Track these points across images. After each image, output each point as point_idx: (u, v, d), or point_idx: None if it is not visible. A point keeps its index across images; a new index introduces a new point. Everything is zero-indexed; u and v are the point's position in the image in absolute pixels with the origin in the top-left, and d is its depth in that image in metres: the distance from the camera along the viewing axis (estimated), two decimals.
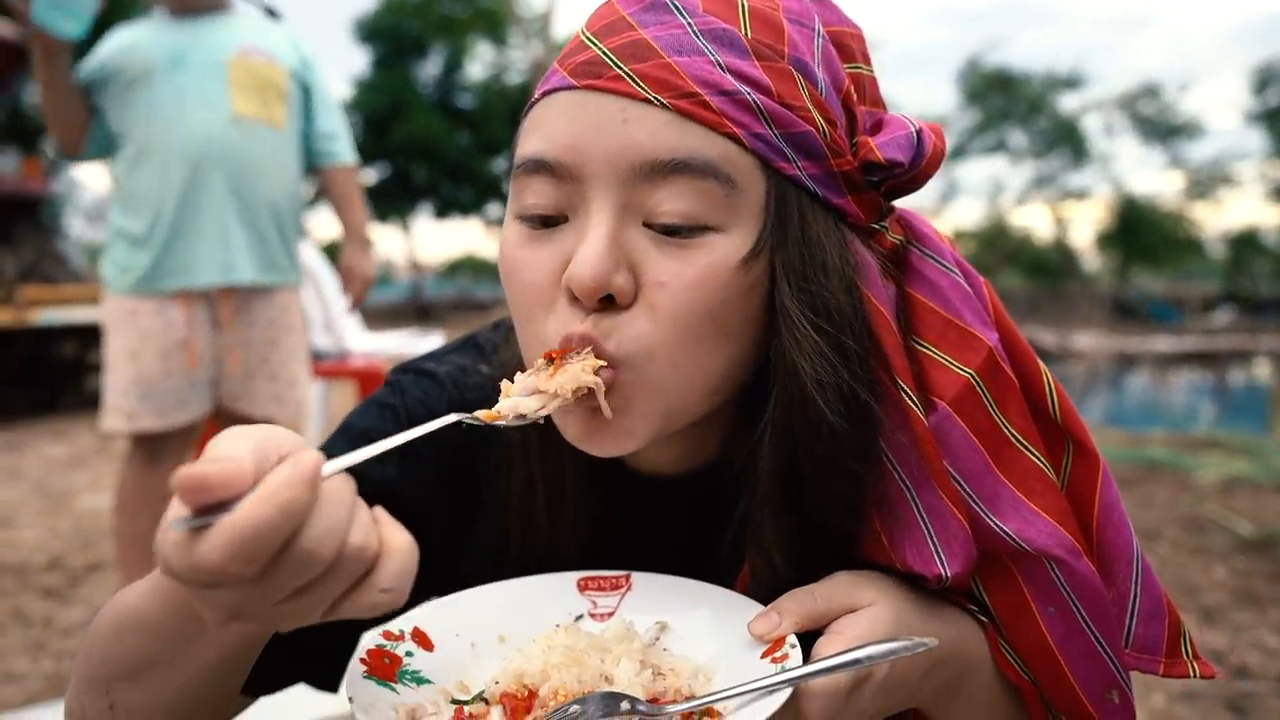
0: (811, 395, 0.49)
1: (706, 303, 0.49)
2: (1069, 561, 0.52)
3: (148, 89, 1.89)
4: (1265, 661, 1.93)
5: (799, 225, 0.50)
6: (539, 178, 0.51)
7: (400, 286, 34.39)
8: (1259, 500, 3.27)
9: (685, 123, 0.48)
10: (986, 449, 0.52)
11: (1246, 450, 4.28)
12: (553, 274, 0.52)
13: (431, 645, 0.53)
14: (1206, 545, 2.77)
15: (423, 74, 23.83)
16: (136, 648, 0.51)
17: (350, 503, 0.38)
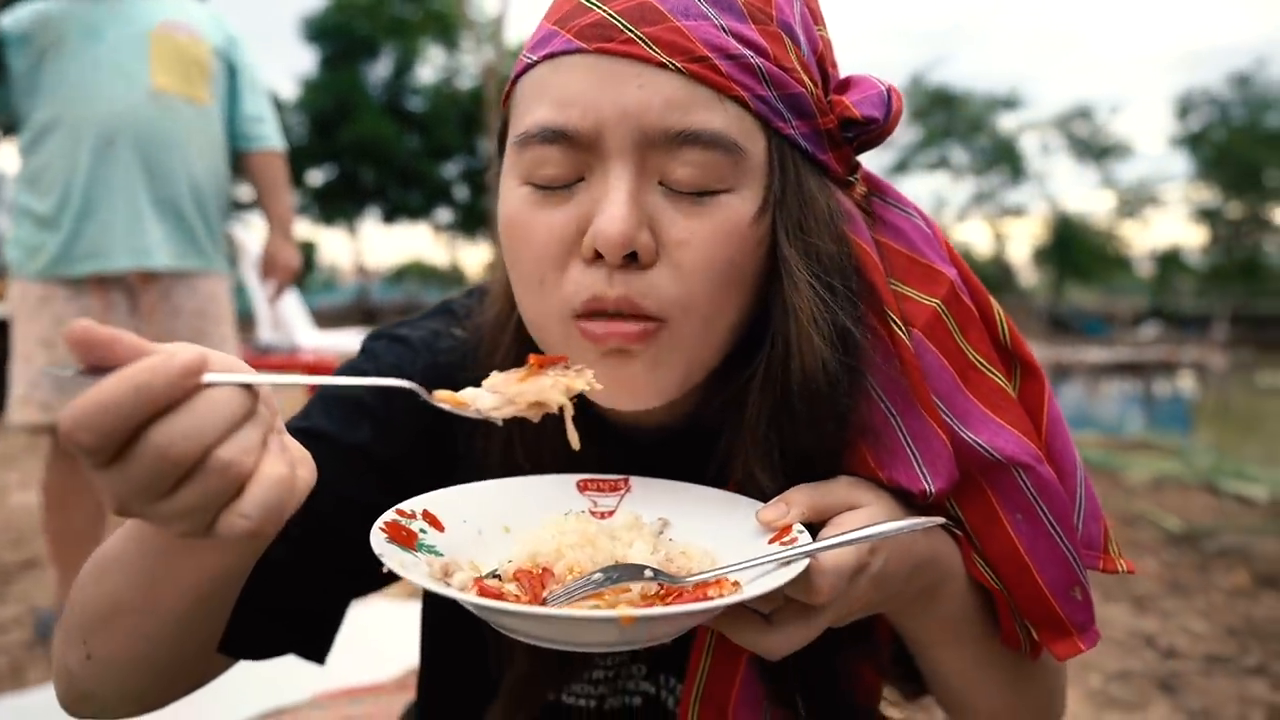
0: (808, 331, 0.52)
1: (728, 258, 0.52)
2: (1035, 467, 0.56)
3: (58, 59, 1.77)
4: (1192, 644, 2.02)
5: (796, 181, 0.53)
6: (555, 145, 0.51)
7: (346, 291, 33.77)
8: (1185, 497, 3.42)
9: (696, 87, 0.49)
10: (955, 370, 0.56)
11: (1173, 452, 4.48)
12: (569, 235, 0.52)
13: (442, 527, 0.53)
14: (1138, 539, 2.88)
15: (372, 75, 23.47)
16: (110, 591, 0.52)
17: (228, 416, 0.38)
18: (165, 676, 0.56)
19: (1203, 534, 2.90)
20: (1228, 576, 2.51)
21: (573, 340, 0.53)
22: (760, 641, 0.49)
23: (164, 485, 0.37)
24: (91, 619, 0.53)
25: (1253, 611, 2.23)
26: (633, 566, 0.49)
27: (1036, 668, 0.64)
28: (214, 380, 0.38)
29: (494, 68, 18.49)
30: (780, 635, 0.48)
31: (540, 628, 0.43)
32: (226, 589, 0.52)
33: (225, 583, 0.51)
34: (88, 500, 1.91)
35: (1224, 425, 10.22)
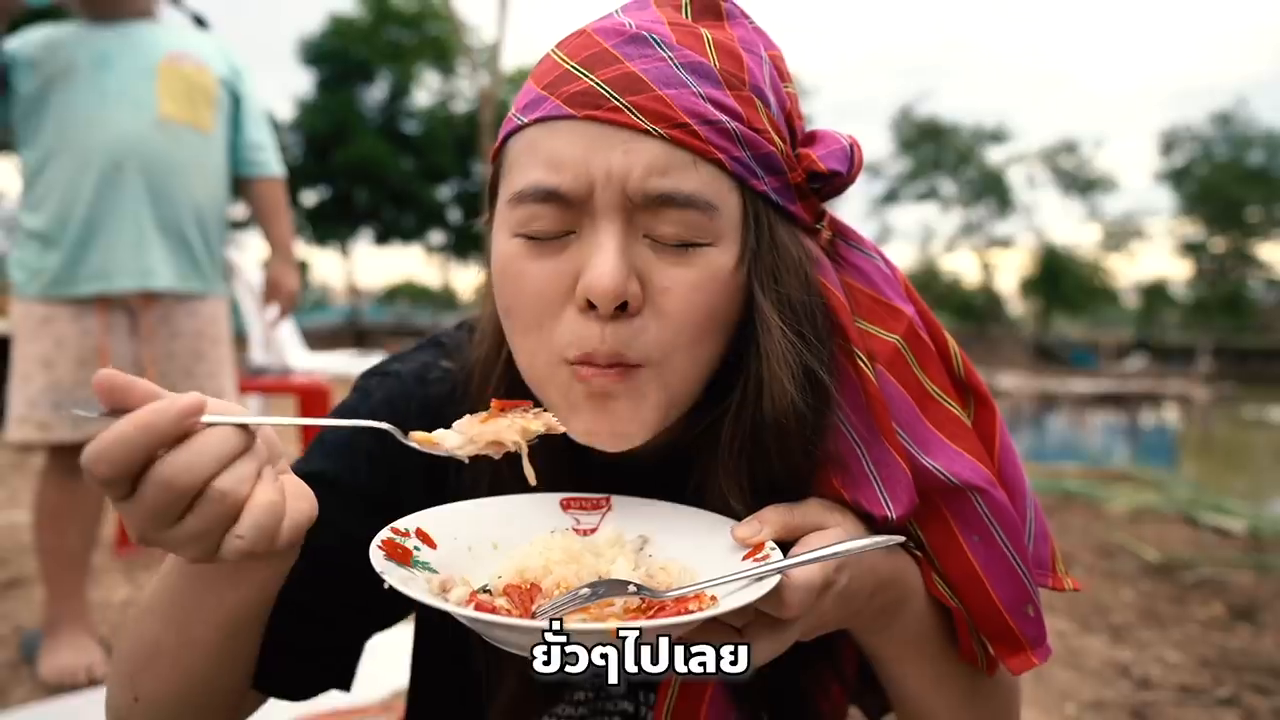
0: (778, 372, 0.56)
1: (708, 304, 0.55)
2: (989, 491, 0.60)
3: (67, 88, 1.81)
4: (1166, 674, 2.05)
5: (769, 233, 0.57)
6: (547, 204, 0.54)
7: (337, 311, 33.73)
8: (1164, 529, 3.47)
9: (676, 150, 0.53)
10: (914, 401, 0.61)
11: (1153, 484, 4.53)
12: (562, 285, 0.55)
13: (434, 544, 0.56)
14: (1116, 569, 2.92)
15: (368, 98, 23.63)
16: (149, 634, 0.57)
17: (224, 451, 0.44)
18: (205, 712, 0.60)
19: (1180, 566, 2.94)
20: (1204, 608, 2.55)
21: (560, 379, 0.56)
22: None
23: (172, 513, 0.43)
24: (136, 662, 0.58)
25: (1227, 643, 2.27)
26: (617, 582, 0.52)
27: (992, 685, 0.67)
28: (211, 420, 0.44)
29: (489, 93, 18.67)
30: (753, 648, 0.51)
31: (533, 640, 0.46)
32: (251, 623, 0.57)
33: (249, 616, 0.56)
34: (80, 519, 1.92)
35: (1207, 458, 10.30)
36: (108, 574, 2.57)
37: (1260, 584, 2.75)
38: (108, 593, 2.41)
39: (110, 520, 2.75)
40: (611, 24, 0.57)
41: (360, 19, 22.62)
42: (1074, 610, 2.52)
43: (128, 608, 2.30)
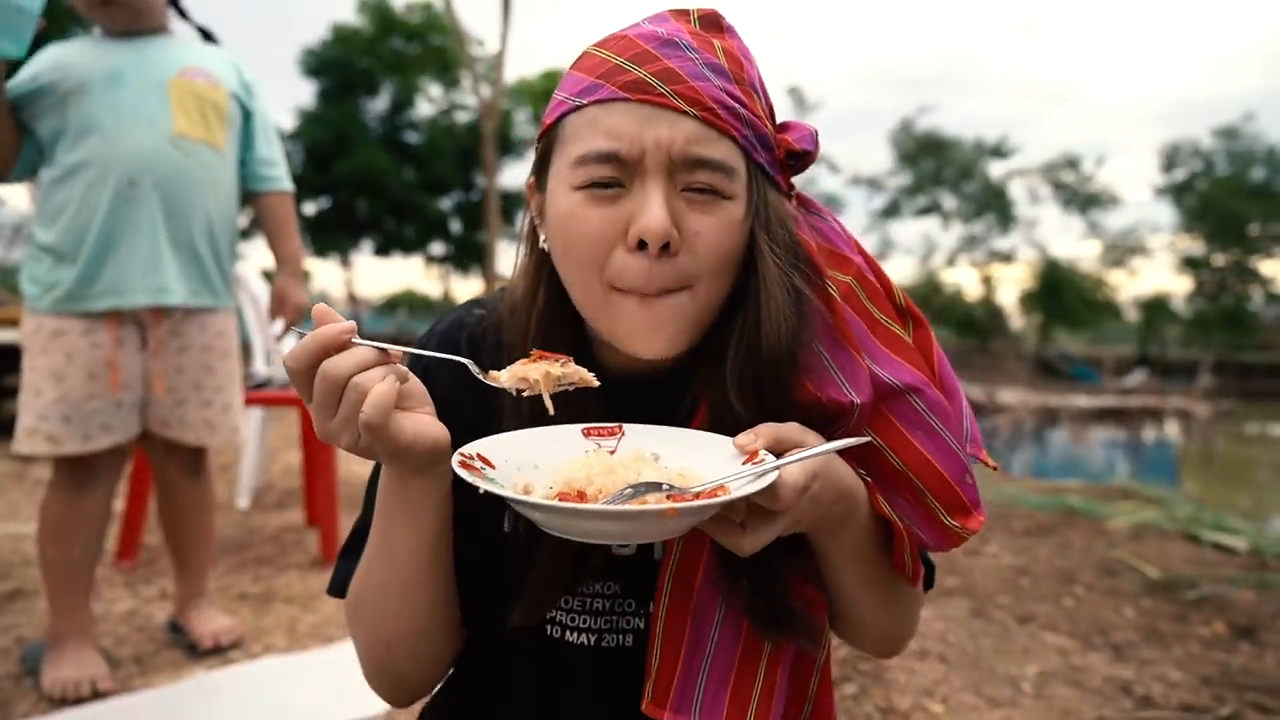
0: (775, 291, 0.72)
1: (730, 243, 0.72)
2: (925, 390, 0.76)
3: (81, 104, 1.83)
4: (1167, 692, 2.05)
5: (764, 193, 0.74)
6: (607, 164, 0.70)
7: None
8: (1165, 546, 3.46)
9: (706, 128, 0.70)
10: (865, 325, 0.77)
11: (1155, 500, 4.53)
12: (616, 228, 0.70)
13: (493, 465, 0.68)
14: (1118, 587, 2.92)
15: (370, 109, 23.69)
16: (375, 585, 0.76)
17: (361, 360, 0.62)
18: (439, 641, 0.79)
19: (1182, 583, 2.94)
20: (1205, 626, 2.55)
21: (613, 302, 0.72)
22: (737, 540, 0.65)
23: (330, 403, 0.62)
24: (375, 613, 0.77)
25: (1229, 661, 2.26)
26: (652, 484, 0.65)
27: (908, 593, 0.84)
28: (357, 341, 0.63)
29: (491, 104, 18.75)
30: (751, 536, 0.64)
31: (607, 523, 0.60)
32: (441, 552, 0.75)
33: (438, 544, 0.74)
34: (84, 532, 1.92)
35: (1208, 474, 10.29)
36: (110, 586, 2.57)
37: (1262, 602, 2.75)
38: (110, 605, 2.41)
39: (113, 533, 2.76)
40: (646, 31, 0.73)
41: (363, 29, 22.71)
42: (1075, 628, 2.52)
43: (130, 619, 2.31)
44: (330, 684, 1.94)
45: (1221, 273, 33.20)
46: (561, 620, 0.81)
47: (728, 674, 0.74)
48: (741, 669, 0.74)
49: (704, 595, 0.75)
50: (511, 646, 0.82)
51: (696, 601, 0.75)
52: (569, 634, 0.81)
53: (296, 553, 3.01)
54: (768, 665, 0.75)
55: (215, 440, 2.05)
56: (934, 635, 2.39)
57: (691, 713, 0.74)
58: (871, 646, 0.87)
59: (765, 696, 0.74)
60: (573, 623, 0.81)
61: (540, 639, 0.81)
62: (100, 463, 1.91)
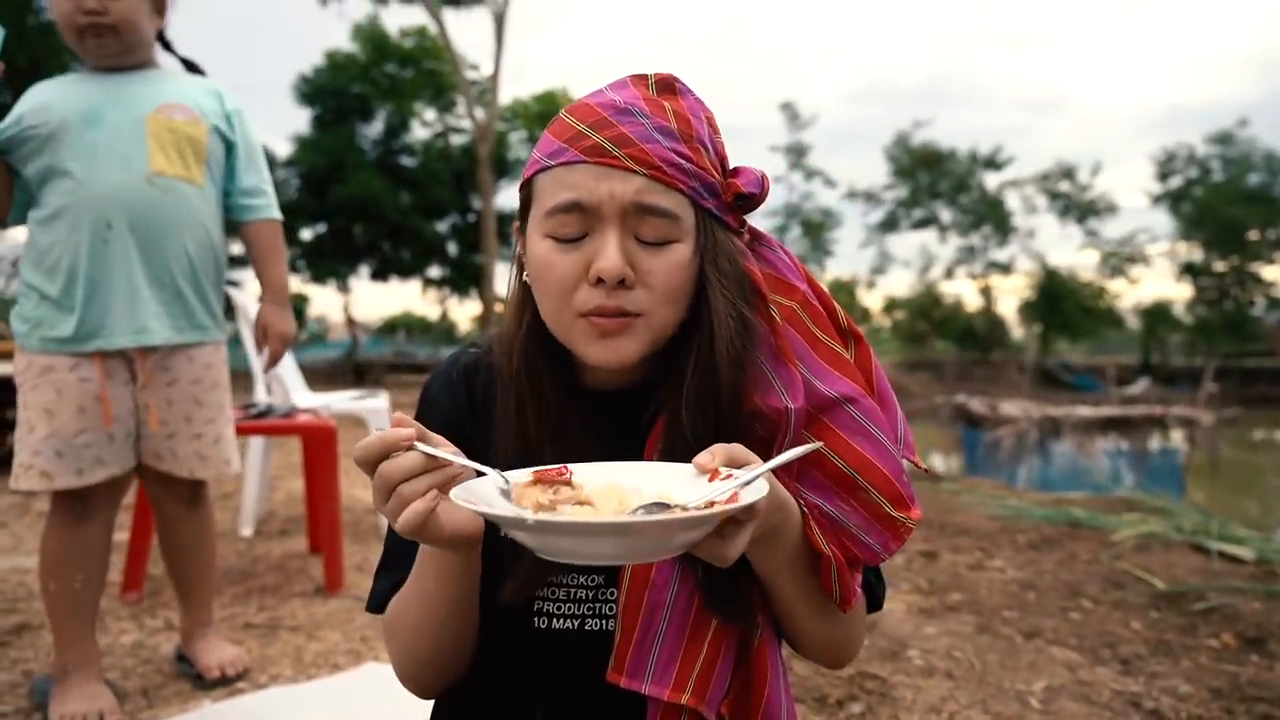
0: (724, 318, 0.83)
1: (678, 281, 0.83)
2: (860, 400, 0.86)
3: (59, 146, 1.84)
4: (1177, 706, 2.04)
5: (712, 234, 0.85)
6: (571, 214, 0.82)
7: (336, 345, 33.75)
8: (1171, 557, 3.45)
9: (653, 182, 0.81)
10: (806, 342, 0.87)
11: (1160, 510, 4.52)
12: (579, 269, 0.82)
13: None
14: (1124, 599, 2.91)
15: (365, 134, 23.79)
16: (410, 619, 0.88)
17: (408, 467, 0.69)
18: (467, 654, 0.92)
19: (1189, 594, 2.93)
20: (1214, 637, 2.54)
21: (579, 327, 0.84)
22: (722, 551, 0.70)
23: (382, 496, 0.71)
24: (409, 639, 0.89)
25: (1239, 673, 2.26)
26: (661, 504, 0.69)
27: (848, 612, 0.90)
28: (418, 447, 0.70)
29: (486, 127, 18.86)
30: (732, 544, 0.69)
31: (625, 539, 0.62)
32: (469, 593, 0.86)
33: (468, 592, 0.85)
34: (86, 564, 1.92)
35: (1214, 482, 10.26)
36: (116, 619, 2.57)
37: (1271, 611, 2.74)
38: (116, 637, 2.41)
39: (117, 565, 2.76)
40: (606, 100, 0.84)
41: (357, 55, 22.85)
42: (1083, 642, 2.51)
43: (137, 651, 2.30)
44: (338, 713, 1.93)
45: (1222, 279, 33.21)
46: (549, 610, 0.91)
47: (677, 646, 0.83)
48: (690, 642, 0.83)
49: (660, 572, 0.84)
50: (502, 639, 0.92)
51: (653, 579, 0.84)
52: (555, 621, 0.90)
53: (301, 580, 3.00)
54: (711, 640, 0.84)
55: (207, 472, 2.05)
56: (940, 652, 2.39)
57: (644, 679, 0.83)
58: (813, 655, 0.95)
59: (706, 669, 0.83)
60: (558, 610, 0.91)
61: (529, 629, 0.91)
62: (96, 496, 1.91)
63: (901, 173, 35.12)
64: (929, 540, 3.79)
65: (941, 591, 3.02)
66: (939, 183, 34.47)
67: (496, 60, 18.35)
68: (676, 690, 0.82)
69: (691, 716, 0.83)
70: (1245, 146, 31.56)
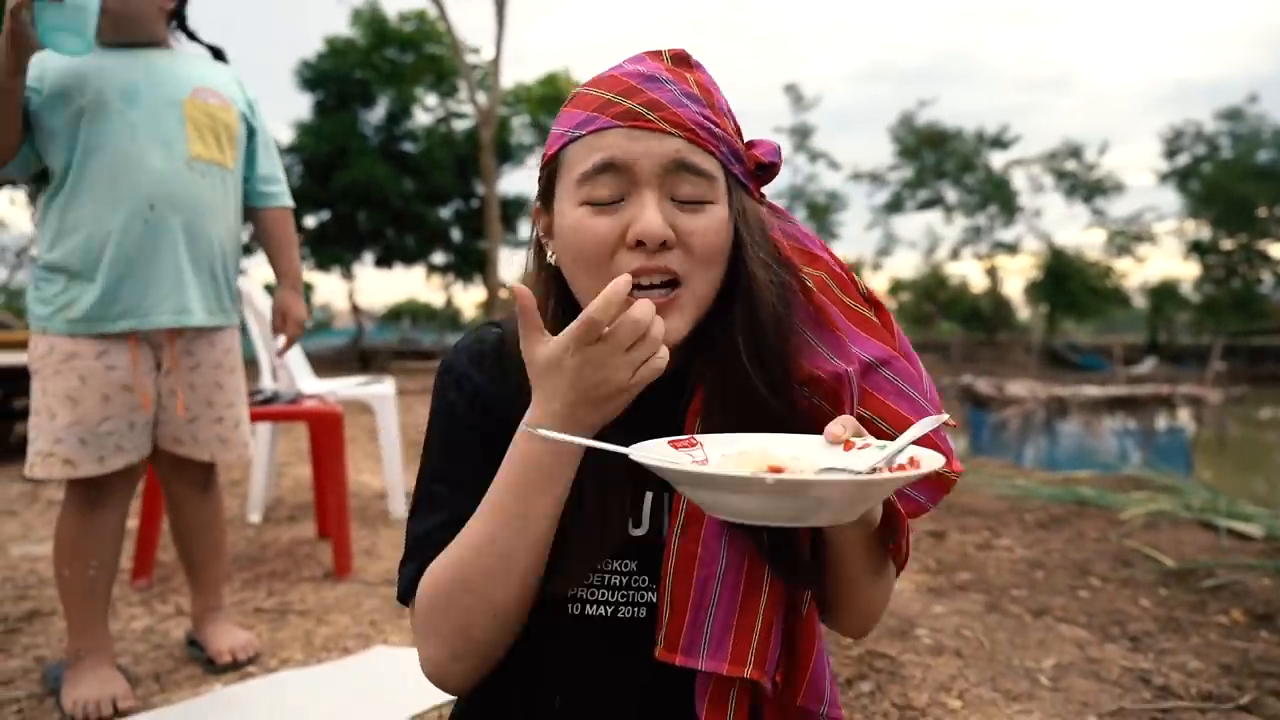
0: (764, 284, 0.84)
1: (718, 242, 0.82)
2: (893, 361, 0.87)
3: (95, 120, 1.82)
4: (1187, 682, 2.04)
5: (741, 198, 0.86)
6: (606, 175, 0.80)
7: (341, 333, 33.78)
8: (1180, 534, 3.44)
9: (689, 144, 0.81)
10: (838, 309, 0.87)
11: (1168, 489, 4.50)
12: (617, 233, 0.80)
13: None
14: (1133, 577, 2.91)
15: (367, 120, 23.68)
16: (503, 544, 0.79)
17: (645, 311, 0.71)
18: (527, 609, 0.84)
19: (1199, 571, 2.92)
20: (1224, 614, 2.53)
21: None
22: (871, 513, 0.74)
23: (623, 351, 0.72)
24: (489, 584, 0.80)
25: (1248, 649, 2.25)
26: (835, 468, 0.70)
27: (891, 576, 0.92)
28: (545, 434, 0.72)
29: (489, 111, 18.76)
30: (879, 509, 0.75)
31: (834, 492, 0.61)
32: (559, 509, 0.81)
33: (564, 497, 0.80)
34: (100, 550, 1.93)
35: (1222, 460, 10.23)
36: (127, 605, 2.58)
37: None
38: (127, 623, 2.43)
39: (127, 551, 2.77)
40: (629, 70, 0.84)
41: (358, 41, 22.72)
42: (1092, 619, 2.51)
43: (148, 636, 2.32)
44: (349, 695, 1.94)
45: (1230, 257, 32.97)
46: (583, 596, 0.89)
47: (730, 619, 0.82)
48: (743, 613, 0.82)
49: (707, 546, 0.83)
50: (535, 628, 0.87)
51: (701, 554, 0.83)
52: (589, 608, 0.89)
53: (310, 566, 3.02)
54: (765, 610, 0.83)
55: (228, 456, 2.07)
56: (949, 630, 2.39)
57: (700, 655, 0.81)
58: (852, 623, 0.95)
59: (764, 639, 0.82)
60: (592, 596, 0.89)
61: (563, 616, 0.89)
62: (113, 483, 1.92)
63: (906, 153, 34.90)
64: (937, 520, 3.78)
65: (950, 571, 3.02)
66: (944, 163, 34.25)
67: (498, 43, 18.23)
68: (736, 663, 0.80)
69: (741, 689, 0.82)
70: (1255, 123, 31.26)
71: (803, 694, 0.86)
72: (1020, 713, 1.87)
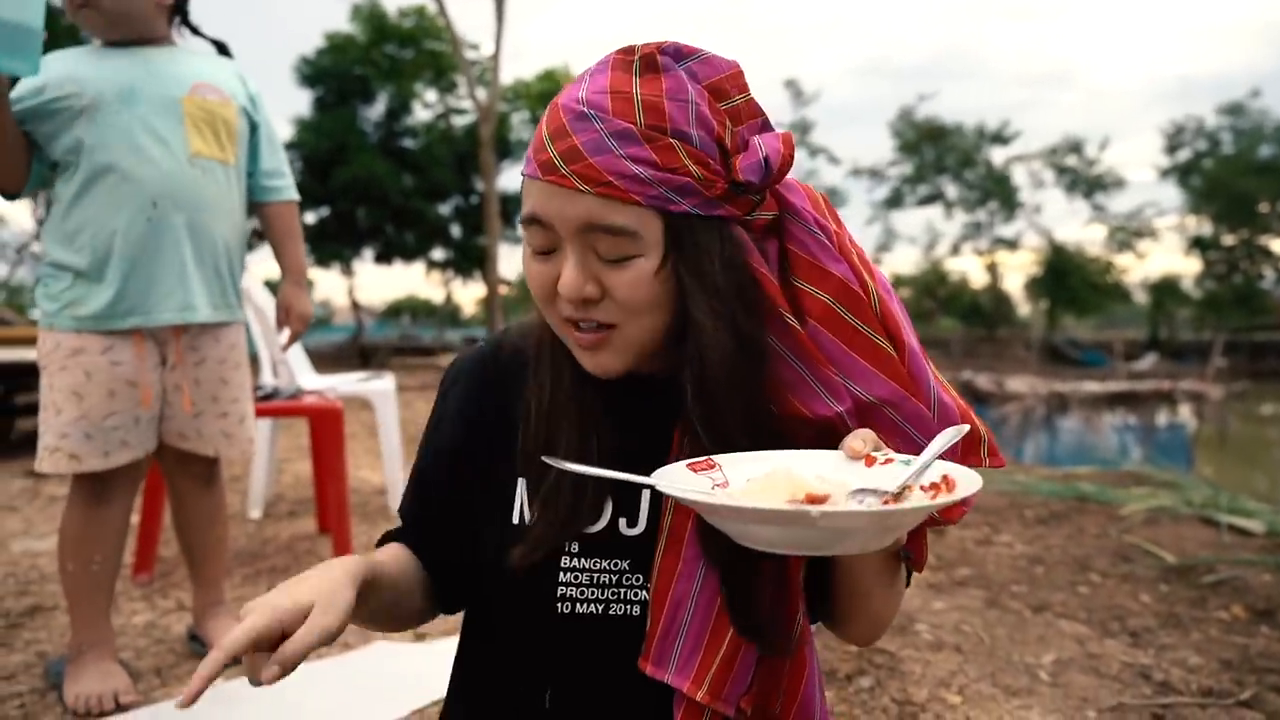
0: (709, 331, 0.77)
1: (644, 295, 0.78)
2: (902, 404, 0.80)
3: (95, 122, 1.82)
4: (1187, 678, 2.04)
5: (690, 237, 0.77)
6: (535, 227, 0.79)
7: (341, 329, 33.79)
8: (1180, 530, 3.45)
9: (603, 201, 0.75)
10: (843, 340, 0.80)
11: (1168, 484, 4.50)
12: (553, 281, 0.80)
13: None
14: (1133, 573, 2.91)
15: (367, 116, 23.64)
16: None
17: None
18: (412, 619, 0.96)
19: (1199, 567, 2.92)
20: (1224, 609, 2.54)
21: (567, 335, 0.83)
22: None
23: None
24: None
25: (1249, 644, 2.25)
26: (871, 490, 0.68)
27: (901, 585, 0.89)
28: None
29: (488, 108, 18.73)
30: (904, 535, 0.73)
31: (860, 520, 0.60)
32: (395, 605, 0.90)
33: (393, 606, 0.89)
34: (104, 544, 1.94)
35: (1222, 456, 10.23)
36: (128, 600, 2.59)
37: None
38: (128, 618, 2.43)
39: (128, 547, 2.77)
40: (572, 99, 0.77)
41: (357, 37, 22.66)
42: (1092, 615, 2.51)
43: (149, 631, 2.32)
44: (348, 690, 1.94)
45: (1231, 252, 32.93)
46: (572, 595, 0.87)
47: (700, 640, 0.81)
48: (712, 636, 0.81)
49: (685, 563, 0.82)
50: (522, 624, 0.89)
51: (679, 570, 0.82)
52: (579, 606, 0.87)
53: (310, 561, 3.02)
54: (732, 637, 0.81)
55: (232, 451, 2.07)
56: (949, 626, 2.39)
57: (669, 669, 0.81)
58: (859, 636, 0.94)
59: (724, 666, 0.81)
60: (581, 595, 0.87)
61: (551, 615, 0.87)
62: (119, 478, 1.92)
63: (907, 148, 34.85)
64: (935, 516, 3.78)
65: (950, 567, 3.02)
66: (944, 158, 34.20)
67: (497, 39, 18.17)
68: (694, 684, 0.80)
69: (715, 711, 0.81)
70: (1256, 118, 31.20)
71: (792, 718, 0.85)
72: (1020, 708, 1.87)
